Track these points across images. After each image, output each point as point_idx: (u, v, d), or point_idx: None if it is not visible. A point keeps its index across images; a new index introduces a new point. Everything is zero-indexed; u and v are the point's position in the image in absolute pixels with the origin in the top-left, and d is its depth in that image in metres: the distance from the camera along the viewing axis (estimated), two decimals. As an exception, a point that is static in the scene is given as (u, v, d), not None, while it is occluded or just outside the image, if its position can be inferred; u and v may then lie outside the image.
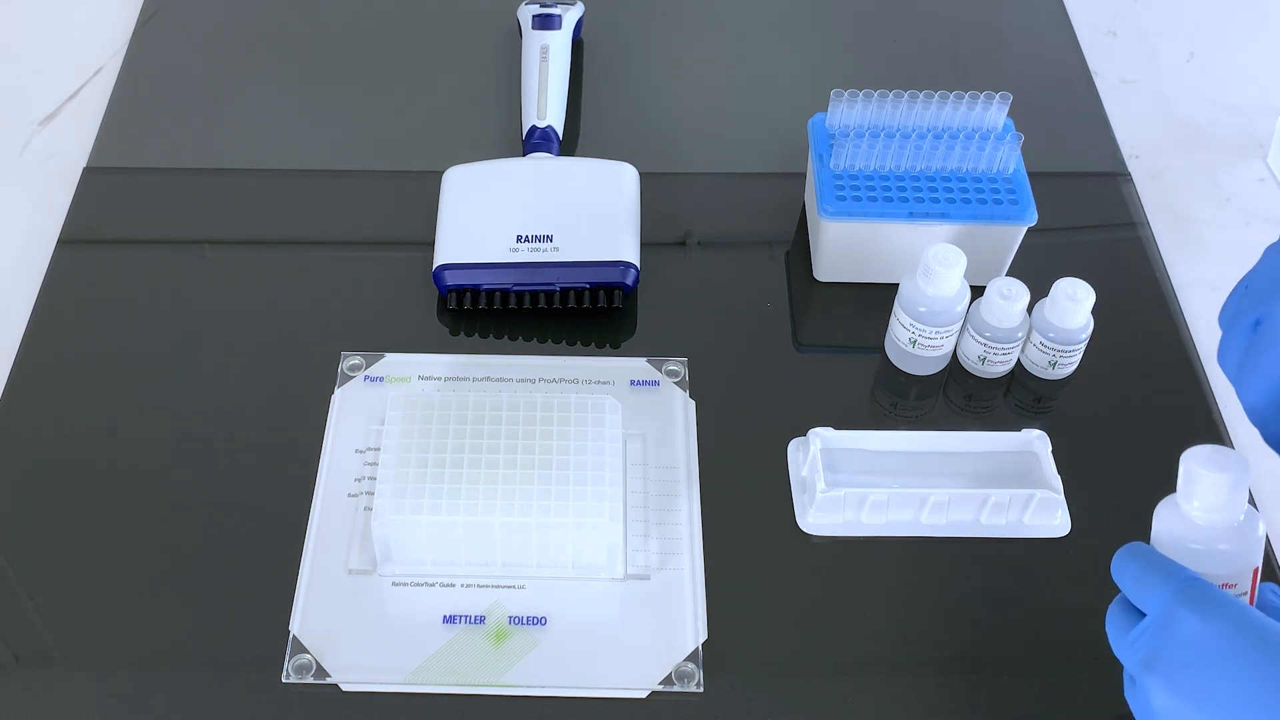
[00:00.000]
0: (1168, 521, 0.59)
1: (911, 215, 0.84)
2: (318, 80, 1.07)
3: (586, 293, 0.87)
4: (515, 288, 0.87)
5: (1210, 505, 0.58)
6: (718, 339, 0.87)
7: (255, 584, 0.74)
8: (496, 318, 0.88)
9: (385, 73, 1.08)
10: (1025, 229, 0.86)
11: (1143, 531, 0.78)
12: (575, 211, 0.89)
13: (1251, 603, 0.59)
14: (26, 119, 1.04)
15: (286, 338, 0.88)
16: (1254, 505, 0.78)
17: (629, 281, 0.87)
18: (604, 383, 0.84)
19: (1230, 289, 0.64)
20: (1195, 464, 0.58)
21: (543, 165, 0.93)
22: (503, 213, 0.89)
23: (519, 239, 0.87)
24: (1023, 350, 0.84)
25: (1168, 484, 0.81)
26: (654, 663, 0.71)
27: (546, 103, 0.97)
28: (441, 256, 0.87)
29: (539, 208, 0.89)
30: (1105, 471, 0.81)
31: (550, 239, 0.87)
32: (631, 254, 0.88)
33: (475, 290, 0.87)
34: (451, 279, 0.87)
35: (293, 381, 0.84)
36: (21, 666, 0.71)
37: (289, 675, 0.70)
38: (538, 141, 0.95)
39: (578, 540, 0.73)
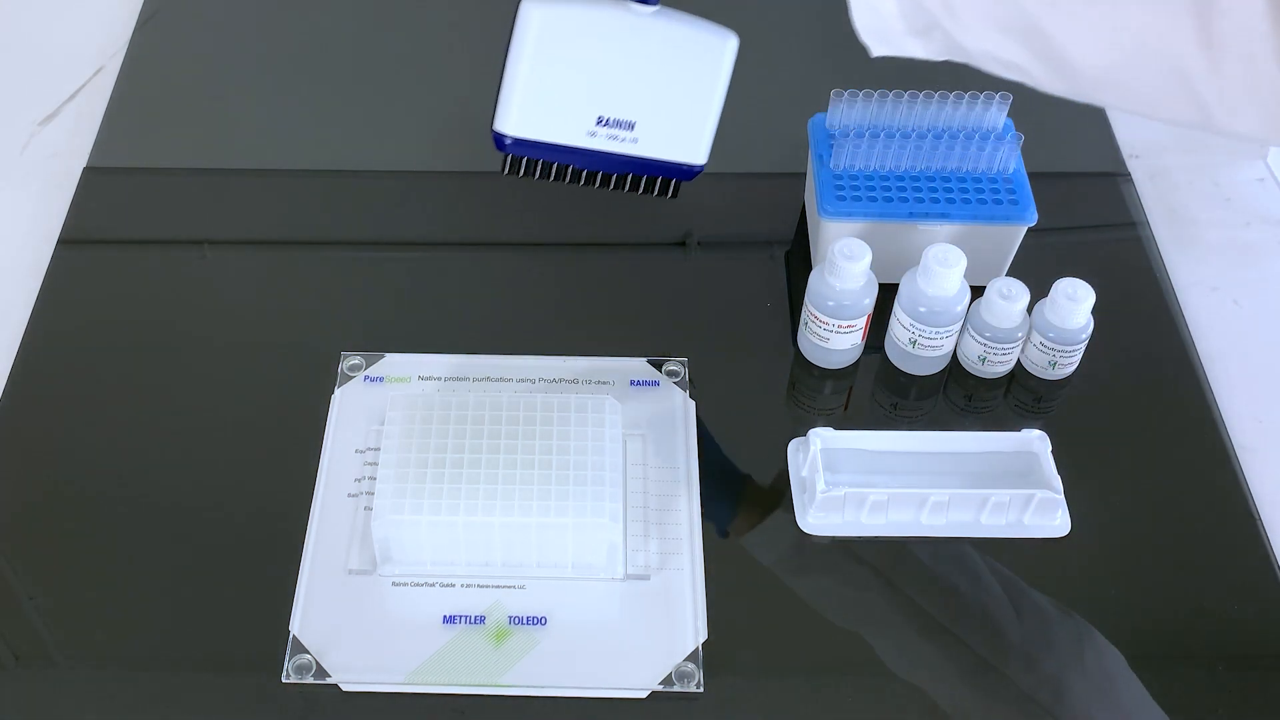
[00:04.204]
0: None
1: (911, 215, 0.84)
2: (318, 80, 1.07)
3: (644, 179, 0.79)
4: (581, 166, 0.78)
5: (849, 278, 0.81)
6: (718, 339, 0.87)
7: (255, 584, 0.74)
8: (497, 318, 0.88)
9: (385, 73, 1.08)
10: (1025, 229, 0.86)
11: (1143, 531, 0.78)
12: (663, 93, 0.77)
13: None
14: (26, 119, 1.04)
15: (286, 338, 0.88)
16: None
17: (692, 176, 0.79)
18: (604, 383, 0.84)
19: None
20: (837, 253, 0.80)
21: (640, 24, 0.76)
22: (588, 81, 0.76)
23: (600, 121, 0.76)
24: (1023, 350, 0.84)
25: (1168, 484, 0.81)
26: (654, 663, 0.71)
27: None
28: (511, 125, 0.76)
29: (627, 81, 0.76)
30: (1105, 471, 0.81)
31: (632, 127, 0.76)
32: (705, 154, 0.78)
33: (534, 160, 0.78)
34: (516, 150, 0.77)
35: (293, 381, 0.84)
36: (21, 666, 0.71)
37: (289, 675, 0.70)
38: None
39: (577, 540, 0.73)
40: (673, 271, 0.92)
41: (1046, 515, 0.77)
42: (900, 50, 0.66)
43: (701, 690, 0.70)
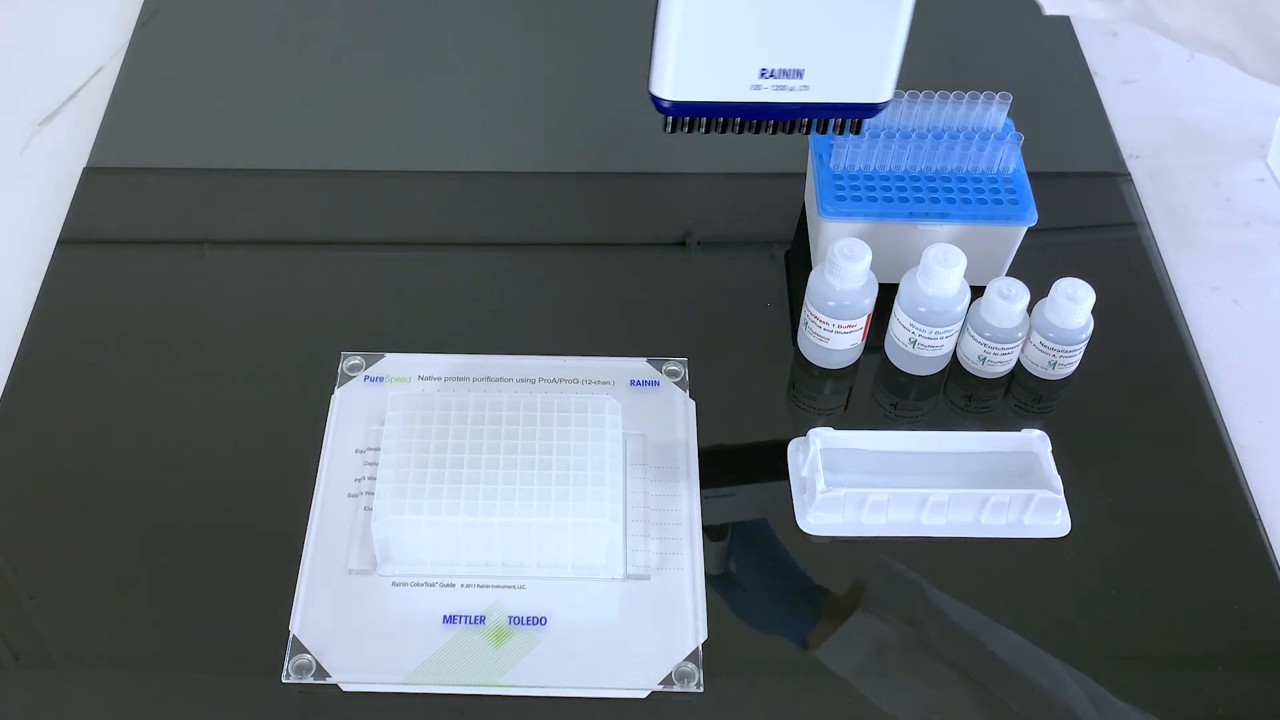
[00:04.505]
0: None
1: (911, 215, 0.84)
2: (318, 80, 1.07)
3: (819, 121, 0.73)
4: (748, 118, 0.72)
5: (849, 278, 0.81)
6: (718, 339, 0.87)
7: (255, 584, 0.74)
8: (497, 318, 0.88)
9: (386, 73, 1.08)
10: (1025, 229, 0.86)
11: (1143, 531, 0.78)
12: (835, 33, 0.69)
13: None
14: (26, 119, 1.04)
15: (286, 338, 0.88)
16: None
17: (876, 112, 0.73)
18: (604, 383, 0.84)
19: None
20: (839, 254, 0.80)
21: None
22: (748, 32, 0.69)
23: (764, 73, 0.70)
24: (1023, 350, 0.84)
25: (1168, 484, 0.81)
26: (654, 663, 0.71)
27: None
28: (667, 88, 0.71)
29: (791, 26, 0.69)
30: (1105, 471, 0.81)
31: (800, 74, 0.70)
32: (890, 88, 0.71)
33: (696, 116, 0.73)
34: (675, 112, 0.72)
35: (293, 381, 0.84)
36: (21, 666, 0.71)
37: (289, 675, 0.70)
38: None
39: (577, 540, 0.73)
40: (673, 271, 0.92)
41: (1046, 515, 0.77)
42: (1076, 10, 0.63)
43: (701, 690, 0.70)
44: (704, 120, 0.72)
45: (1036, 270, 0.85)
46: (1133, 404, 0.85)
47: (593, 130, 1.03)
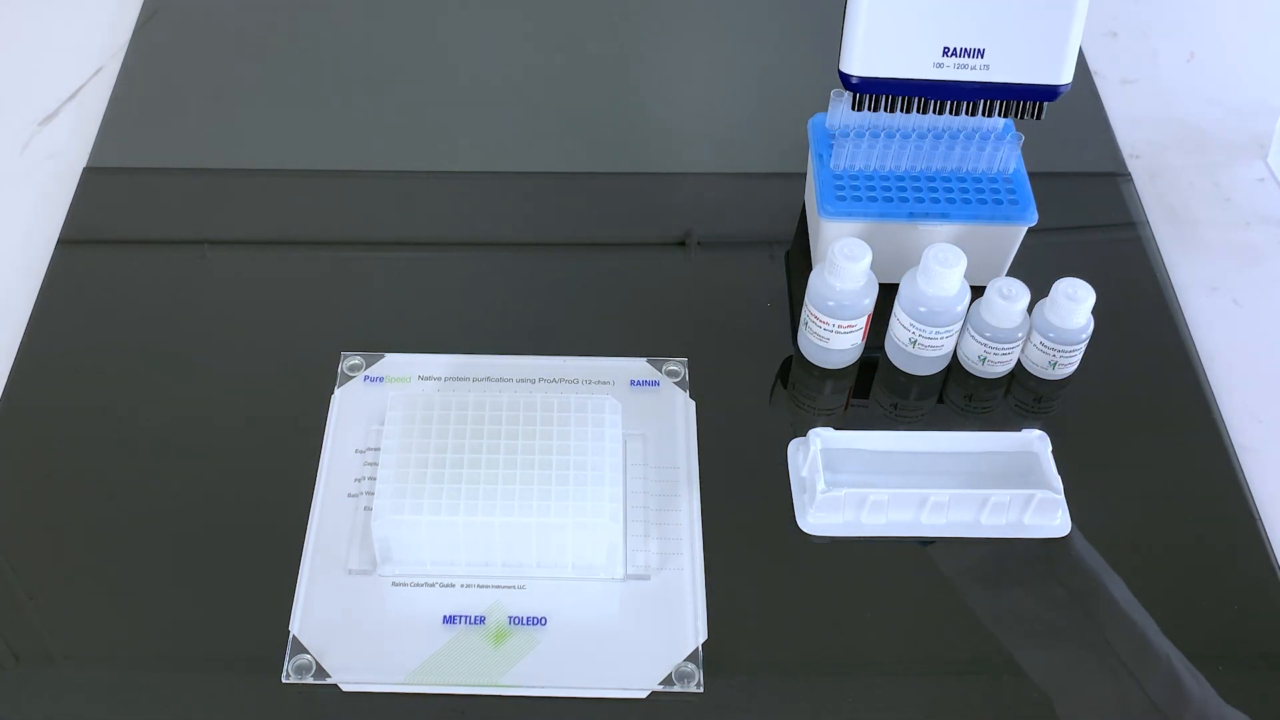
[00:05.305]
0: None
1: (911, 215, 0.84)
2: (318, 80, 1.07)
3: (1001, 104, 0.78)
4: (930, 97, 0.78)
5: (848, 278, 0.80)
6: (718, 339, 0.87)
7: (255, 585, 0.74)
8: (497, 318, 0.88)
9: (385, 73, 1.08)
10: (1025, 229, 0.86)
11: (1144, 532, 0.78)
12: (1015, 15, 0.74)
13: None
14: (26, 119, 1.04)
15: (286, 338, 0.88)
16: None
17: (1055, 96, 0.77)
18: (604, 383, 0.84)
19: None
20: (839, 253, 0.79)
21: None
22: (932, 12, 0.74)
23: (947, 52, 0.75)
24: (1023, 350, 0.84)
25: (1168, 484, 0.81)
26: (654, 663, 0.71)
27: None
28: (856, 65, 0.76)
29: (973, 6, 0.74)
30: (1105, 471, 0.81)
31: (982, 54, 0.75)
32: (1069, 72, 0.75)
33: (881, 94, 0.79)
34: (862, 89, 0.78)
35: (293, 381, 0.84)
36: (21, 666, 0.71)
37: (289, 675, 0.70)
38: None
39: (577, 540, 0.73)
40: (673, 271, 0.92)
41: (1046, 515, 0.77)
42: None
43: (701, 690, 0.70)
44: (888, 97, 0.77)
45: (1036, 270, 0.85)
46: (1133, 404, 0.85)
47: (593, 130, 1.03)
